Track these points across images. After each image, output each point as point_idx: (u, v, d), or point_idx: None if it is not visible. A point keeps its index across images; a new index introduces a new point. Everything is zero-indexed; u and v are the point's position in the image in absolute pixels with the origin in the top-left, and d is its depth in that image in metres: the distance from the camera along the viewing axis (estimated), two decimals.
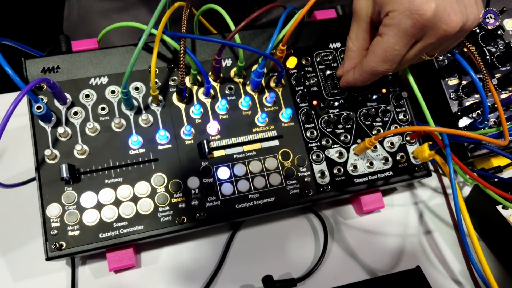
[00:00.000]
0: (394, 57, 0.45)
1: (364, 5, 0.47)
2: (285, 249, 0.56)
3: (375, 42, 0.46)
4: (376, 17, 0.46)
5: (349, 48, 0.51)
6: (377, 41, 0.45)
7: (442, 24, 0.42)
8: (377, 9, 0.45)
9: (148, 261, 0.53)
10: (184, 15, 0.49)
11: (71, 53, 0.52)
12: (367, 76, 0.49)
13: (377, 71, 0.47)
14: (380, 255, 0.57)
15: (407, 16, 0.41)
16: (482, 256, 0.45)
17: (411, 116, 0.57)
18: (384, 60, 0.45)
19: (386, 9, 0.43)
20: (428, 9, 0.41)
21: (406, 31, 0.42)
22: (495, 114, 0.59)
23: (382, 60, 0.46)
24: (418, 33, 0.43)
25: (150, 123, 0.50)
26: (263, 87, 0.54)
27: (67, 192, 0.47)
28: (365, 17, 0.47)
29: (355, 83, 0.51)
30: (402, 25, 0.42)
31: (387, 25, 0.43)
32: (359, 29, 0.49)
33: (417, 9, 0.41)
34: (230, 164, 0.51)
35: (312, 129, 0.54)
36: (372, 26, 0.48)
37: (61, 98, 0.49)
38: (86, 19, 0.77)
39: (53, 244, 0.45)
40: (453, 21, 0.42)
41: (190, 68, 0.51)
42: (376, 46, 0.46)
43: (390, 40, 0.44)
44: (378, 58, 0.46)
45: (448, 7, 0.42)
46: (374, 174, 0.54)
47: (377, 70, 0.47)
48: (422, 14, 0.41)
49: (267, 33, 0.56)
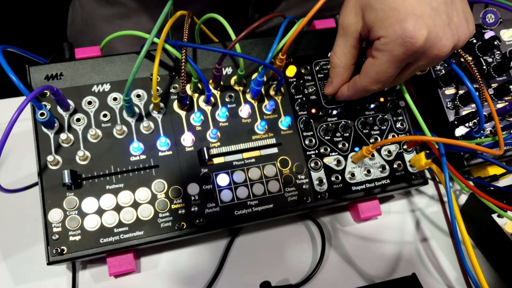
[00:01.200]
0: (386, 79, 0.46)
1: (353, 21, 0.47)
2: (283, 255, 0.57)
3: (368, 64, 0.46)
4: (364, 34, 0.46)
5: (336, 64, 0.50)
6: (370, 62, 0.46)
7: (434, 50, 0.42)
8: (366, 28, 0.45)
9: (148, 266, 0.54)
10: (186, 24, 0.50)
11: (74, 60, 0.52)
12: (360, 93, 0.50)
13: (370, 90, 0.48)
14: (377, 262, 0.58)
15: (399, 44, 0.42)
16: (476, 263, 0.46)
17: (408, 124, 0.58)
18: (377, 81, 0.46)
19: (377, 33, 0.43)
20: (420, 37, 0.41)
21: (399, 57, 0.43)
22: (491, 123, 0.60)
23: (375, 81, 0.46)
24: (410, 59, 0.44)
25: (151, 130, 0.51)
26: (263, 95, 0.55)
27: (69, 198, 0.48)
28: (353, 32, 0.47)
29: (350, 98, 0.52)
30: (395, 52, 0.42)
31: (380, 50, 0.44)
32: (346, 45, 0.49)
33: (409, 37, 0.41)
34: (229, 171, 0.52)
35: (310, 137, 0.55)
36: (359, 42, 0.48)
37: (64, 105, 0.50)
38: (90, 24, 0.78)
39: (54, 249, 0.46)
40: (445, 45, 0.42)
41: (191, 76, 0.52)
42: (369, 68, 0.46)
43: (383, 64, 0.44)
44: (370, 79, 0.46)
45: (440, 33, 0.42)
46: (372, 182, 0.55)
47: (370, 89, 0.48)
48: (414, 42, 0.41)
49: (267, 42, 0.57)
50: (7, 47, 0.48)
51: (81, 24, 0.80)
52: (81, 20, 0.80)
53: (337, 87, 0.52)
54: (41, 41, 1.11)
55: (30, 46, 0.58)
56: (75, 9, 0.81)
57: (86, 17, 0.78)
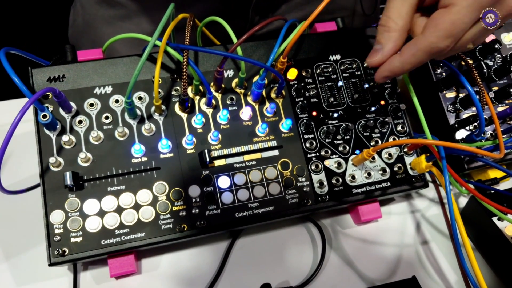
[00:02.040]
0: (459, 33, 0.40)
1: None
2: (283, 257, 0.57)
3: (438, 15, 0.40)
4: None
5: (390, 28, 0.43)
6: (441, 13, 0.40)
7: None
8: None
9: (149, 267, 0.54)
10: (188, 27, 0.50)
11: (76, 62, 0.53)
12: (422, 56, 0.42)
13: (437, 48, 0.41)
14: (377, 264, 0.58)
15: None
16: (476, 266, 0.46)
17: (409, 127, 0.58)
18: (449, 35, 0.40)
19: None
20: None
21: (481, 2, 0.38)
22: (492, 126, 0.60)
23: (447, 34, 0.40)
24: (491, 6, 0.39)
25: (153, 132, 0.52)
26: (264, 97, 0.56)
27: (71, 199, 0.48)
28: None
29: (402, 68, 0.44)
30: None
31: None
32: (404, 4, 0.42)
33: None
34: (230, 173, 0.52)
35: (311, 140, 0.55)
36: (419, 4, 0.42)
37: (66, 107, 0.50)
38: (91, 25, 0.79)
39: (56, 250, 0.46)
40: None
41: (192, 78, 0.52)
42: (440, 19, 0.40)
43: (462, 11, 0.39)
44: (441, 32, 0.40)
45: None
46: (372, 185, 0.55)
47: (437, 46, 0.40)
48: None
49: (268, 45, 0.57)
50: (10, 49, 0.49)
51: (82, 25, 0.81)
52: (82, 21, 0.80)
53: (388, 55, 0.44)
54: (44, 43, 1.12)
55: (33, 48, 0.59)
56: (76, 10, 0.82)
57: (87, 18, 0.79)
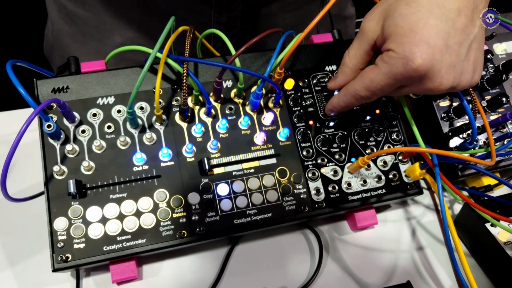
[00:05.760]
0: (376, 90, 0.47)
1: (373, 28, 0.47)
2: (281, 263, 0.58)
3: (367, 69, 0.47)
4: (379, 43, 0.46)
5: (345, 63, 0.50)
6: (369, 69, 0.47)
7: (430, 83, 0.43)
8: (383, 38, 0.45)
9: (150, 273, 0.55)
10: (188, 39, 0.52)
11: (80, 74, 0.54)
12: (350, 98, 0.50)
13: (359, 95, 0.48)
14: (373, 270, 0.59)
15: (402, 63, 0.42)
16: (469, 272, 0.47)
17: (403, 136, 0.59)
18: (368, 88, 0.47)
19: (389, 45, 0.44)
20: (423, 66, 0.41)
21: (396, 75, 0.44)
22: (485, 134, 0.61)
23: (366, 87, 0.47)
24: (406, 81, 0.44)
25: (154, 141, 0.53)
26: (262, 107, 0.57)
27: (74, 207, 0.49)
28: (370, 39, 0.47)
29: (339, 104, 0.52)
30: (395, 68, 0.43)
31: (383, 61, 0.44)
32: (360, 47, 0.49)
33: (412, 61, 0.41)
34: (229, 181, 0.53)
35: (308, 148, 0.56)
36: (373, 49, 0.48)
37: (70, 117, 0.51)
38: (59, 40, 0.80)
39: (59, 256, 0.48)
40: (442, 84, 0.43)
41: (192, 89, 0.53)
42: (366, 73, 0.47)
43: (380, 75, 0.45)
44: (363, 84, 0.47)
45: (443, 70, 0.42)
46: (368, 192, 0.56)
47: (359, 94, 0.48)
48: (415, 68, 0.42)
49: (266, 56, 0.59)
50: (16, 62, 0.50)
51: (52, 40, 0.82)
52: (51, 36, 0.82)
53: (339, 85, 0.52)
54: None
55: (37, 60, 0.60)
56: (48, 25, 0.83)
57: (56, 33, 0.80)
